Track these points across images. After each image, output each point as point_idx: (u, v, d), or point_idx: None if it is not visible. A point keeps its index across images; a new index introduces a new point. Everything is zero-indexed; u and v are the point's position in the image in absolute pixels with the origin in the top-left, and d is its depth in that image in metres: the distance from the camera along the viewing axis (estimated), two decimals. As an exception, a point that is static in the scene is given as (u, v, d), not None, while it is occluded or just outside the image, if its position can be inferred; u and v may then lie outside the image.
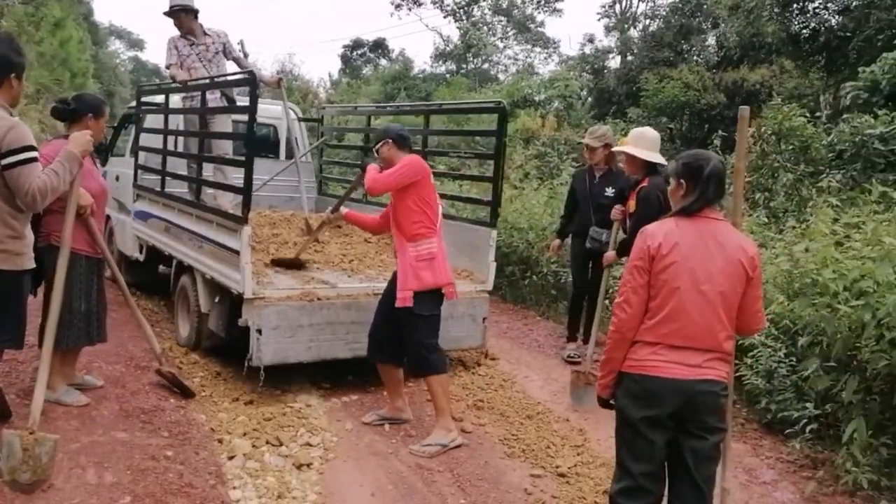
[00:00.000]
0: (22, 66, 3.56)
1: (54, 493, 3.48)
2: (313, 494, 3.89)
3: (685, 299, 2.78)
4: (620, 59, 22.31)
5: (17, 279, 3.58)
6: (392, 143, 4.67)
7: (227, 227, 5.25)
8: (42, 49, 16.57)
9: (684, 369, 2.80)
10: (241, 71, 6.69)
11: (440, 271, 4.52)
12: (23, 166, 3.37)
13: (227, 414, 4.90)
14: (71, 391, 4.57)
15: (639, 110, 16.58)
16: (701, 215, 2.86)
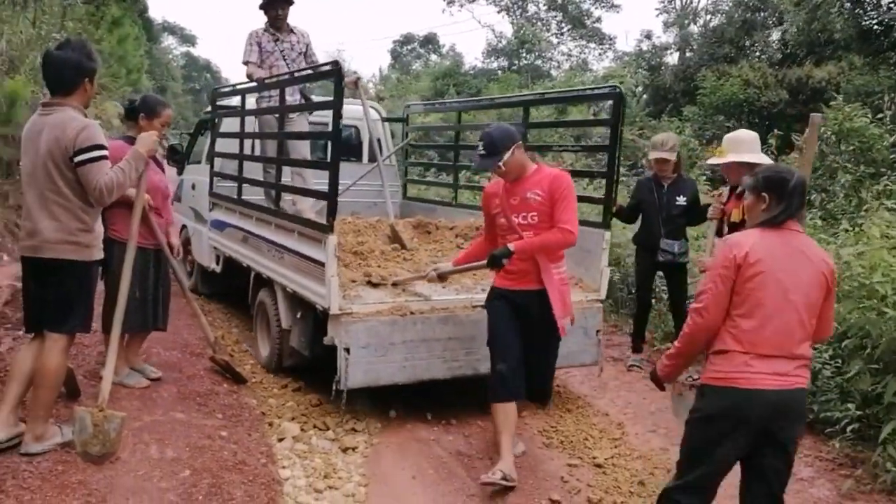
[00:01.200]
0: (94, 71, 3.87)
1: (121, 465, 3.86)
2: (357, 476, 4.20)
3: (774, 308, 2.85)
4: (679, 56, 22.20)
5: (87, 269, 3.90)
6: (522, 145, 4.15)
7: (311, 236, 4.94)
8: (101, 47, 17.32)
9: (776, 379, 2.85)
10: (324, 63, 6.29)
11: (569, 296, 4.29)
12: (92, 164, 3.68)
13: (276, 399, 5.28)
14: (133, 374, 5.00)
15: (695, 108, 16.55)
16: (785, 227, 2.95)
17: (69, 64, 3.78)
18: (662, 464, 4.55)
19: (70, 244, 3.75)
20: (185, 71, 52.63)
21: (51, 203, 3.71)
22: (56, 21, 12.67)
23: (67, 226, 3.73)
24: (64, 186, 3.71)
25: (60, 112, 3.74)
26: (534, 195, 4.04)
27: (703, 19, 22.96)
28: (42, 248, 3.74)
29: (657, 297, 7.01)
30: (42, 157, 3.69)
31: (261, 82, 6.30)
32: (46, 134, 3.69)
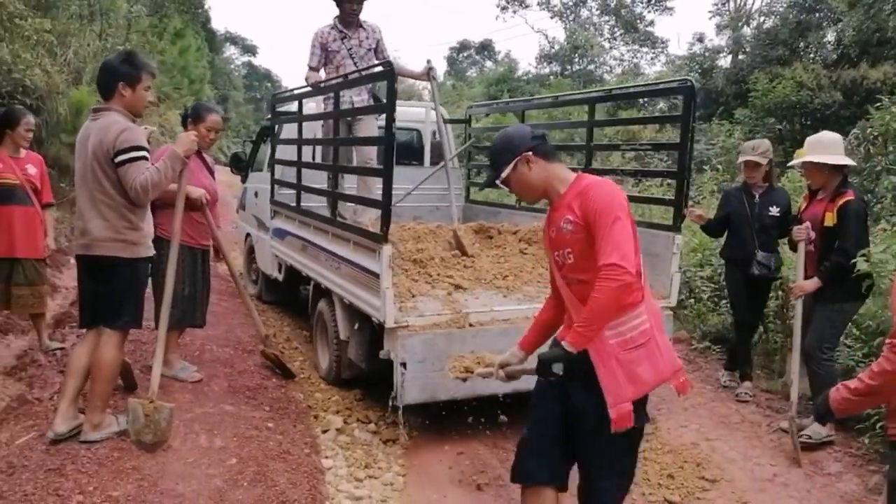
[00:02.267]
0: (129, 75, 3.98)
1: (172, 452, 4.04)
2: (397, 466, 4.33)
3: None
4: (731, 59, 21.86)
5: (135, 266, 4.06)
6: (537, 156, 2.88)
7: (365, 245, 4.78)
8: (164, 58, 17.92)
9: None
10: (377, 63, 5.89)
11: (663, 358, 2.80)
12: (130, 163, 3.84)
13: (322, 394, 5.44)
14: (187, 367, 5.17)
15: (746, 111, 16.29)
16: None
17: (105, 69, 4.01)
18: (692, 458, 4.57)
19: (118, 242, 3.93)
20: (246, 80, 53.76)
21: (99, 203, 3.90)
22: (121, 33, 13.14)
23: (114, 224, 3.91)
24: (109, 187, 3.88)
25: (106, 116, 3.93)
26: (566, 223, 2.80)
27: (757, 21, 22.56)
28: (92, 246, 3.93)
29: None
30: (90, 160, 3.88)
31: (315, 86, 6.11)
32: (93, 137, 3.88)
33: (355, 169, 6.18)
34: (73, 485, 3.53)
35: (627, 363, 2.72)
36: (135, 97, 4.01)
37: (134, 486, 3.57)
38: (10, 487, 3.48)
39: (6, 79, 8.10)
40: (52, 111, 8.87)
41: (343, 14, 6.01)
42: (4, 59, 7.98)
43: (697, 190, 11.59)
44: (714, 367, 6.52)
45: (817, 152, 4.82)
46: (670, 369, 2.80)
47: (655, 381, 2.79)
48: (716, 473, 4.40)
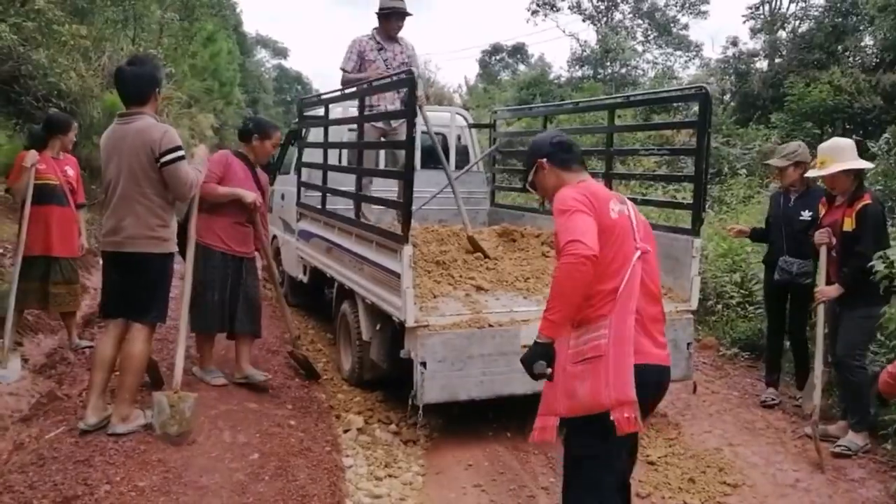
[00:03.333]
0: (161, 82, 4.40)
1: (197, 447, 4.19)
2: (417, 466, 4.44)
3: None
4: (768, 63, 21.69)
5: (165, 261, 4.31)
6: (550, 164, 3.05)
7: (387, 246, 4.91)
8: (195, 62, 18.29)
9: None
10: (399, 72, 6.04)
11: (608, 384, 2.65)
12: (179, 162, 4.11)
13: (344, 395, 5.57)
14: (214, 371, 5.29)
15: (783, 115, 16.18)
16: None
17: (145, 77, 4.24)
18: (715, 463, 4.60)
19: (150, 239, 4.15)
20: (276, 83, 54.32)
21: (133, 202, 4.11)
22: (153, 38, 13.46)
23: (148, 222, 4.14)
24: (147, 186, 4.11)
25: (140, 120, 4.15)
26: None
27: (792, 25, 22.35)
28: (125, 243, 4.15)
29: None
30: (127, 161, 4.09)
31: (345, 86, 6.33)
32: (131, 139, 4.09)
33: (378, 172, 6.35)
34: (101, 475, 3.69)
35: (569, 376, 2.71)
36: (159, 102, 4.42)
37: (159, 478, 3.72)
38: (41, 478, 3.65)
39: (42, 83, 8.39)
40: (85, 114, 9.15)
41: (385, 28, 6.34)
42: (41, 64, 8.26)
43: (732, 195, 11.56)
44: (742, 373, 6.55)
45: (843, 160, 4.81)
46: (613, 398, 2.61)
47: (590, 405, 2.66)
48: (737, 478, 4.43)
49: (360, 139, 6.03)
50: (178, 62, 15.25)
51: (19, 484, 3.59)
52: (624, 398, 2.59)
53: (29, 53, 8.09)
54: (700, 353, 7.16)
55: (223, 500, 3.62)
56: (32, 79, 8.30)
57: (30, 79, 8.28)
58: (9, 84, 8.03)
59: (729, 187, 12.05)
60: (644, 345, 2.77)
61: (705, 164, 5.21)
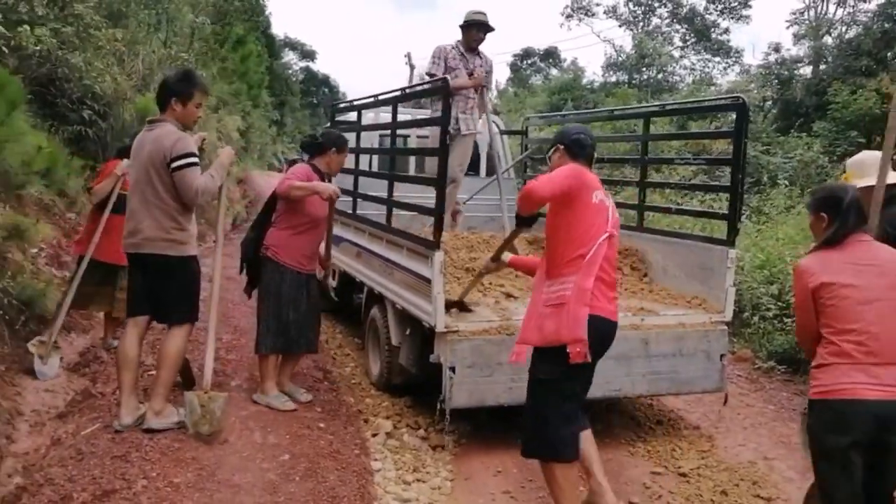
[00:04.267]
0: (182, 92, 4.48)
1: (229, 446, 4.39)
2: (445, 471, 4.58)
3: (855, 319, 2.96)
4: (812, 69, 21.57)
5: (185, 264, 4.52)
6: (564, 151, 3.87)
7: (418, 252, 5.05)
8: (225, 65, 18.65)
9: (875, 390, 2.88)
10: (433, 80, 6.46)
11: (567, 325, 3.50)
12: (187, 168, 4.33)
13: (372, 399, 5.74)
14: (280, 396, 5.21)
15: (826, 124, 16.10)
16: (847, 242, 3.09)
17: (162, 85, 4.57)
18: (749, 476, 4.68)
19: (166, 241, 4.41)
20: (303, 85, 54.59)
21: (150, 206, 4.38)
22: (185, 41, 13.79)
23: (164, 225, 4.39)
24: (162, 191, 4.37)
25: (160, 127, 4.43)
26: None
27: (838, 31, 22.22)
28: (142, 244, 4.42)
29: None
30: (144, 166, 4.38)
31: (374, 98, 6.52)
32: (148, 146, 4.38)
33: (411, 178, 6.56)
34: (137, 471, 3.89)
35: (541, 315, 3.61)
36: (185, 112, 4.52)
37: (193, 475, 3.91)
38: (80, 472, 3.85)
39: (77, 85, 8.65)
40: (117, 117, 9.42)
41: (467, 40, 6.74)
42: (77, 67, 8.53)
43: (772, 205, 11.55)
44: (778, 387, 6.61)
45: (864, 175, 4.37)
46: (570, 336, 3.47)
47: (552, 338, 3.53)
48: (772, 492, 4.49)
49: (393, 145, 6.27)
50: (209, 65, 15.57)
51: (59, 477, 3.80)
52: (577, 336, 3.45)
53: (66, 57, 8.36)
54: (735, 365, 7.24)
55: (255, 499, 3.80)
56: (68, 81, 8.54)
57: (66, 81, 8.52)
58: (45, 87, 8.28)
59: (768, 197, 12.03)
60: (601, 301, 3.59)
61: (741, 175, 5.30)
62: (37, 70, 7.93)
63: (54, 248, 6.99)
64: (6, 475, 4.04)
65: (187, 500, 3.67)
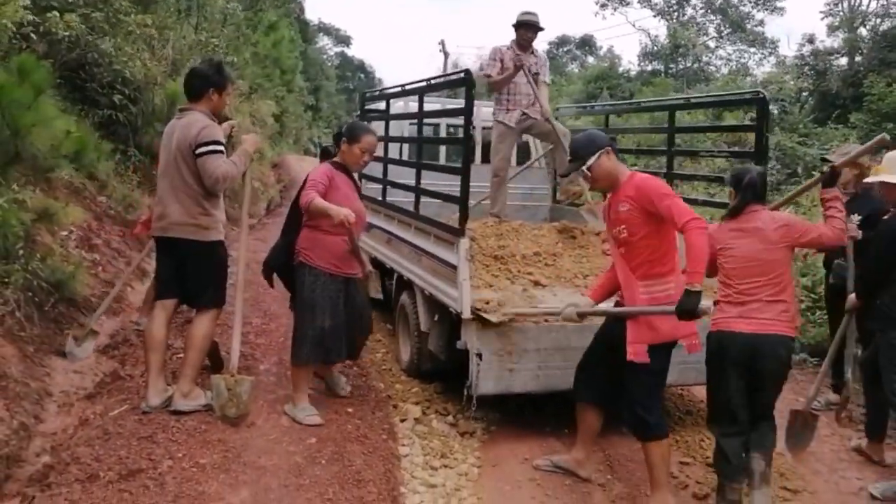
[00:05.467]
0: (219, 84, 4.57)
1: (256, 429, 4.40)
2: (472, 458, 4.52)
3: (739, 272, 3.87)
4: (847, 61, 21.21)
5: (210, 248, 4.54)
6: (612, 151, 3.99)
7: (445, 239, 5.11)
8: (257, 50, 18.66)
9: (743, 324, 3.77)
10: (457, 71, 6.77)
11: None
12: (209, 155, 4.37)
13: (402, 385, 5.70)
14: (307, 408, 4.71)
15: (862, 116, 15.84)
16: (744, 213, 3.94)
17: (198, 75, 4.60)
18: (776, 468, 4.52)
19: (191, 226, 4.45)
20: (338, 71, 54.59)
21: (178, 191, 4.44)
22: (216, 26, 13.79)
23: (190, 210, 4.44)
24: (189, 176, 4.42)
25: (190, 115, 4.49)
26: (623, 206, 3.85)
27: (873, 22, 21.79)
28: (169, 228, 4.48)
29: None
30: (173, 153, 4.43)
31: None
32: (178, 133, 4.44)
33: (438, 166, 6.62)
34: (163, 451, 3.89)
35: (650, 316, 3.81)
36: (220, 102, 4.63)
37: (219, 456, 3.92)
38: (106, 452, 3.87)
39: (107, 70, 8.68)
40: (147, 102, 9.44)
41: (518, 38, 6.82)
42: (107, 52, 8.56)
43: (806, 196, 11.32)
44: (809, 379, 6.44)
45: (892, 170, 4.57)
46: (686, 331, 3.82)
47: (670, 335, 3.83)
48: (798, 485, 4.45)
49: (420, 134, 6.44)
50: (240, 50, 15.54)
51: (86, 456, 3.82)
52: (692, 331, 3.84)
53: (96, 42, 8.39)
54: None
55: (280, 481, 3.78)
56: (98, 66, 8.57)
57: (95, 66, 8.54)
58: (75, 71, 8.31)
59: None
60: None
61: (764, 167, 5.17)
62: (66, 55, 7.94)
63: (84, 231, 7.01)
64: (34, 454, 4.05)
65: (212, 481, 3.67)
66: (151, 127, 9.53)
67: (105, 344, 5.81)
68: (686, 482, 4.38)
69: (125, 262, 7.30)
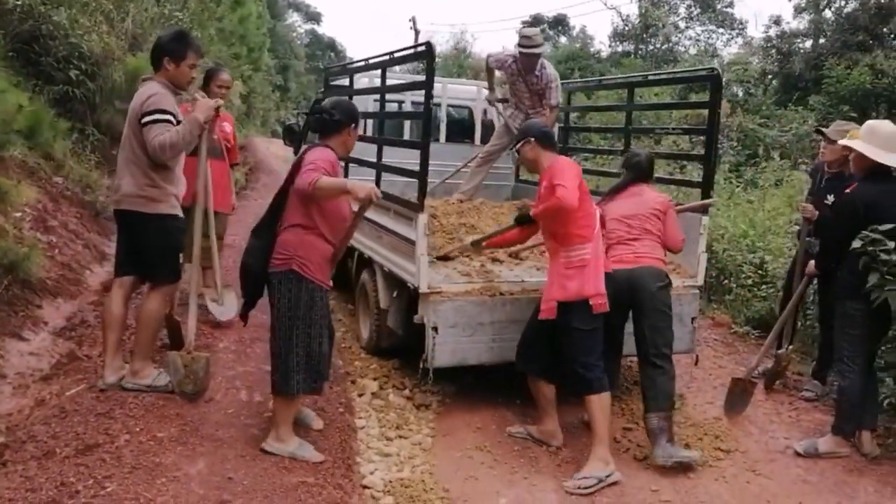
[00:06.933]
0: (175, 52, 4.45)
1: (214, 404, 4.50)
2: (427, 428, 4.71)
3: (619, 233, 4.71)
4: (812, 43, 21.54)
5: (160, 222, 4.42)
6: (535, 143, 4.52)
7: (404, 214, 5.19)
8: (222, 26, 18.36)
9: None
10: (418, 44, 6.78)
11: (588, 280, 4.26)
12: (152, 124, 4.27)
13: (361, 362, 5.84)
14: (305, 445, 4.12)
15: (821, 98, 16.14)
16: (628, 188, 4.82)
17: (155, 44, 4.54)
18: (712, 431, 4.95)
19: (140, 198, 4.39)
20: (308, 49, 53.27)
21: (129, 162, 4.40)
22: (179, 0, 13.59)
23: (139, 181, 4.38)
24: (137, 147, 4.36)
25: (144, 85, 4.45)
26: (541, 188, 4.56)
27: (838, 4, 22.12)
28: (121, 201, 4.44)
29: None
30: (127, 123, 4.41)
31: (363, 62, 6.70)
32: (132, 103, 4.41)
33: (398, 142, 6.69)
34: (121, 426, 3.97)
35: (562, 276, 4.30)
36: (178, 72, 4.50)
37: (177, 430, 4.01)
38: (63, 429, 3.92)
39: (63, 43, 8.47)
40: (106, 78, 9.23)
41: (522, 61, 6.70)
42: (62, 25, 8.40)
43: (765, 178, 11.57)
44: (751, 350, 6.87)
45: (869, 142, 4.63)
46: (593, 291, 4.25)
47: (577, 294, 4.25)
48: (731, 445, 4.78)
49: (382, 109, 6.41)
50: (205, 26, 15.26)
51: (42, 434, 3.86)
52: (599, 291, 4.26)
53: (50, 13, 8.20)
54: (712, 330, 7.52)
55: (237, 451, 3.90)
56: (53, 39, 8.30)
57: (50, 39, 8.30)
58: (29, 44, 8.08)
59: (763, 170, 12.10)
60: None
61: (715, 145, 5.55)
62: (18, 27, 7.76)
63: (39, 212, 6.96)
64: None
65: (169, 453, 3.76)
66: (111, 104, 9.39)
67: (62, 326, 5.82)
68: (627, 446, 4.66)
69: (83, 244, 7.29)
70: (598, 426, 4.24)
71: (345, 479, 3.87)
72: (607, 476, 4.13)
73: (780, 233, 8.25)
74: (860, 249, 4.43)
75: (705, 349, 6.71)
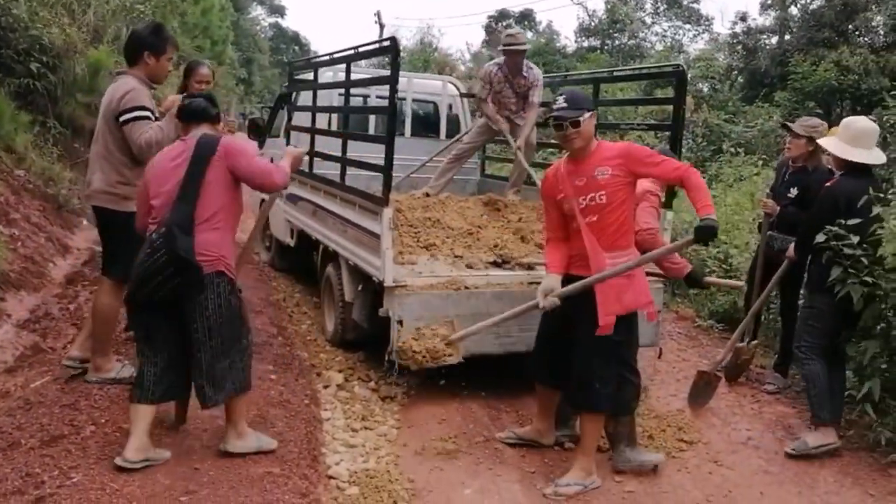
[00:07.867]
0: (156, 46, 4.49)
1: (179, 396, 4.51)
2: (392, 420, 4.80)
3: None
4: (778, 39, 21.93)
5: (127, 220, 4.35)
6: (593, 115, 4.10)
7: (369, 208, 5.26)
8: (185, 19, 18.31)
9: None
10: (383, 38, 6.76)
11: (642, 290, 4.09)
12: (134, 122, 4.31)
13: (326, 355, 5.92)
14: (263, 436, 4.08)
15: (786, 94, 16.46)
16: None
17: (133, 37, 4.55)
18: (675, 423, 5.04)
19: (110, 195, 4.45)
20: (272, 43, 53.07)
21: (101, 158, 4.45)
22: (142, -8, 13.52)
23: (109, 178, 4.43)
24: (111, 143, 4.41)
25: (120, 79, 4.48)
26: (601, 172, 3.94)
27: (803, 1, 22.55)
28: (92, 197, 4.50)
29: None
30: (100, 118, 4.44)
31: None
32: (106, 98, 4.43)
33: (361, 136, 6.73)
34: (86, 417, 4.03)
35: (616, 288, 3.93)
36: (158, 66, 4.54)
37: (142, 421, 4.04)
38: (28, 420, 3.97)
39: (23, 36, 8.47)
40: (68, 70, 9.24)
41: (507, 62, 6.76)
42: (21, 17, 8.38)
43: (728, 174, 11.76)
44: (714, 343, 7.02)
45: (840, 139, 4.80)
46: (645, 300, 4.07)
47: (633, 304, 4.01)
48: (694, 436, 4.88)
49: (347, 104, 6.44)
50: (167, 18, 15.21)
51: (7, 426, 3.91)
52: (650, 300, 4.12)
53: (9, 6, 8.19)
54: (676, 323, 7.66)
55: (203, 442, 3.98)
56: (13, 31, 8.32)
57: (10, 31, 8.32)
58: (-14, 36, 8.12)
59: (729, 165, 12.32)
60: None
61: (680, 140, 5.60)
62: (-23, 20, 7.77)
63: (1, 205, 6.96)
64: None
65: (135, 444, 3.81)
66: (72, 97, 9.39)
67: (25, 319, 5.83)
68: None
69: (46, 236, 7.29)
70: (589, 441, 4.14)
71: (310, 470, 3.94)
72: (590, 484, 4.09)
73: (744, 228, 8.46)
74: (823, 244, 4.60)
75: (669, 342, 6.87)
